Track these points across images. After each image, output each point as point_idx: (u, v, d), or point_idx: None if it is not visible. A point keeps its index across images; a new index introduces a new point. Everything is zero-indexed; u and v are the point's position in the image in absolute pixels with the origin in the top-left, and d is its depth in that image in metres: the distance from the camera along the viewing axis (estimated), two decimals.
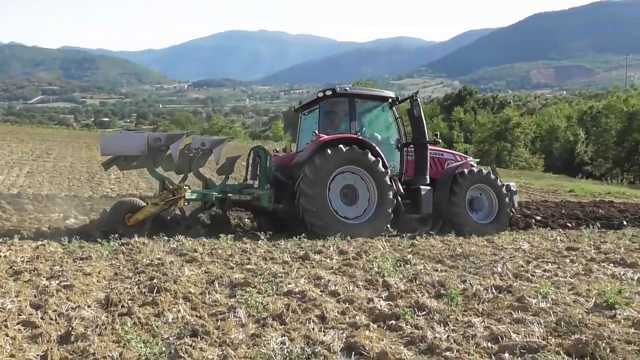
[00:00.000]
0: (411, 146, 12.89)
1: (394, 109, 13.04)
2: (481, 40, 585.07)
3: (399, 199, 12.10)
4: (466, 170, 12.91)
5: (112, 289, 6.04)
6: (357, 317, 5.04)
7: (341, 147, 11.45)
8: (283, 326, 4.81)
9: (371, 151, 11.72)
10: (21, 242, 9.16)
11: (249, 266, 7.60)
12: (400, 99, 13.35)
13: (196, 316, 5.10)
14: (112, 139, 12.09)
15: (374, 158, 11.66)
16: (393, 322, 4.93)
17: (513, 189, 13.86)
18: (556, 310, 5.18)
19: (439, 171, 13.08)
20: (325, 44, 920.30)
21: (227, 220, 12.32)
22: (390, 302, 5.62)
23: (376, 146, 11.94)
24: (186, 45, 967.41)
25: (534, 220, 15.36)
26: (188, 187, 11.46)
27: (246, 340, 4.40)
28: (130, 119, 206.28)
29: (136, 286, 6.21)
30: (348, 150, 11.49)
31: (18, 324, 4.66)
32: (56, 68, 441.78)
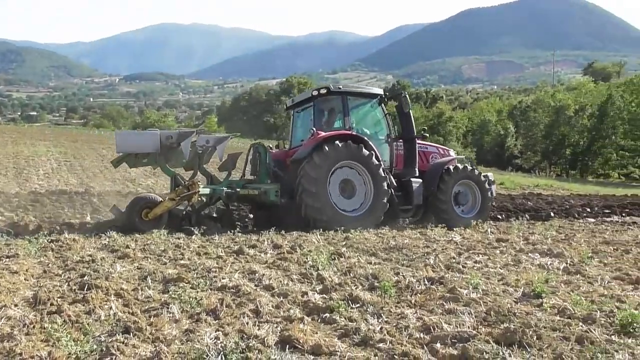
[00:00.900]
0: (400, 140, 13.39)
1: (383, 105, 13.48)
2: (414, 35, 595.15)
3: (392, 191, 12.44)
4: (452, 167, 13.38)
5: (41, 287, 5.86)
6: (292, 311, 5.03)
7: (337, 143, 11.80)
8: (217, 321, 4.76)
9: (365, 146, 12.14)
10: None
11: (182, 261, 7.50)
12: (389, 95, 13.85)
13: (128, 313, 4.99)
14: (126, 136, 12.17)
15: (367, 152, 12.07)
16: (327, 315, 4.95)
17: (491, 179, 14.36)
18: (486, 300, 5.32)
19: (424, 164, 13.63)
20: (259, 38, 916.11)
21: (231, 215, 12.68)
22: (324, 295, 5.64)
23: (369, 140, 12.34)
24: (117, 37, 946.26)
25: None
26: (200, 183, 11.57)
27: (180, 336, 4.34)
28: (60, 113, 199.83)
29: (66, 283, 6.06)
30: (344, 146, 11.85)
31: None
32: None
